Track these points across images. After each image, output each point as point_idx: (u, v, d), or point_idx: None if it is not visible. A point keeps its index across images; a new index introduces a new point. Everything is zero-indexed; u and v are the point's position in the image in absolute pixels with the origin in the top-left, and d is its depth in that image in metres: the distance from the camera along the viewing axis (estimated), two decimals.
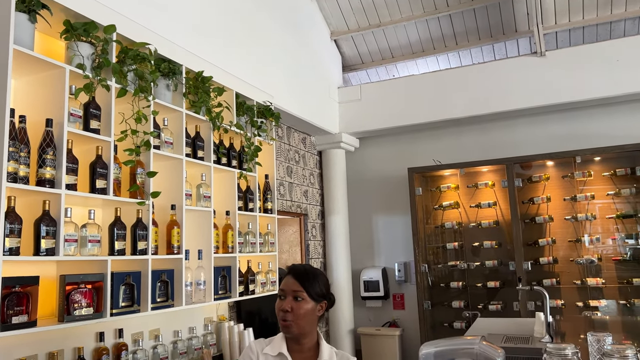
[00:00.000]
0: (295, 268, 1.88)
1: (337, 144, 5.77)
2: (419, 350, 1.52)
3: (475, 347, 1.46)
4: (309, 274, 1.85)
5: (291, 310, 1.78)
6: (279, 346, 1.84)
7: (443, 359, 1.55)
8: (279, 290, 1.87)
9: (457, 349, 1.53)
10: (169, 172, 3.04)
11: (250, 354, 1.86)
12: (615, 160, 4.87)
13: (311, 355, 1.83)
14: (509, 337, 3.61)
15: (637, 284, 4.61)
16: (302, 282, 1.82)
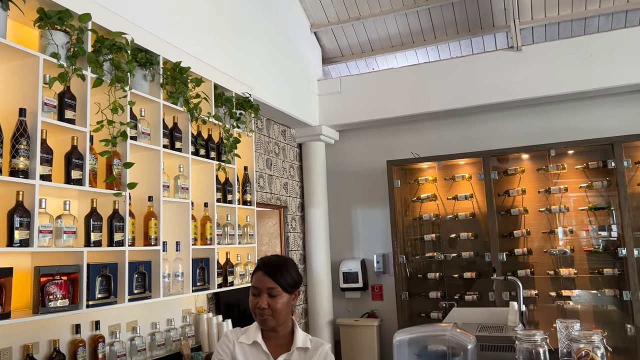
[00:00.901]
0: (266, 263, 1.87)
1: (317, 136, 5.79)
2: (393, 337, 1.55)
3: (448, 334, 1.50)
4: (280, 267, 1.86)
5: (268, 307, 1.80)
6: (253, 335, 1.86)
7: (417, 345, 1.58)
8: (252, 288, 1.86)
9: (430, 335, 1.56)
10: (146, 164, 3.02)
11: (227, 342, 1.88)
12: (588, 154, 4.98)
13: (286, 342, 1.85)
14: (484, 326, 3.68)
15: (607, 274, 4.74)
16: (275, 278, 1.82)
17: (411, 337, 1.57)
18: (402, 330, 1.59)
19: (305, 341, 1.85)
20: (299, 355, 1.82)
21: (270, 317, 1.80)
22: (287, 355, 1.81)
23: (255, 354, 1.83)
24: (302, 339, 1.85)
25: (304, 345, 1.84)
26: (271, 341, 1.85)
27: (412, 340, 1.56)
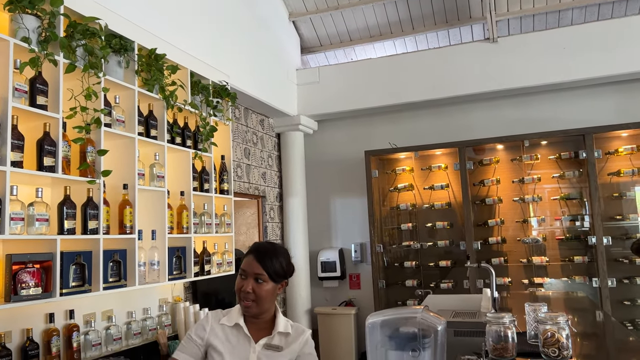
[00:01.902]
0: (258, 248, 1.88)
1: (295, 126, 5.78)
2: (366, 320, 1.58)
3: (418, 316, 1.54)
4: (271, 254, 1.86)
5: (252, 291, 1.81)
6: (236, 317, 1.86)
7: (389, 327, 1.62)
8: (241, 270, 1.86)
9: (401, 317, 1.60)
10: (121, 151, 2.99)
11: (205, 323, 1.89)
12: (561, 145, 5.09)
13: (267, 327, 1.87)
14: (457, 313, 3.76)
15: (578, 262, 4.87)
16: (264, 264, 1.83)
17: (383, 319, 1.60)
18: (374, 313, 1.62)
19: (286, 326, 1.87)
20: (279, 339, 1.84)
21: (253, 303, 1.81)
22: (268, 339, 1.82)
23: (236, 336, 1.84)
24: (283, 324, 1.86)
25: (285, 330, 1.85)
26: (253, 325, 1.86)
27: (384, 323, 1.60)
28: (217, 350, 1.81)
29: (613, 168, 4.87)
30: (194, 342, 1.85)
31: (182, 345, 1.88)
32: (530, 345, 1.97)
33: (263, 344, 1.82)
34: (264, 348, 1.81)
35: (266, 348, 1.81)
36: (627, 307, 4.73)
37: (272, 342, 1.83)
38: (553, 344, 1.78)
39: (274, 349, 1.81)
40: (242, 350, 1.80)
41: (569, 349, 1.80)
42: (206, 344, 1.85)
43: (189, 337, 1.87)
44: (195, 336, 1.86)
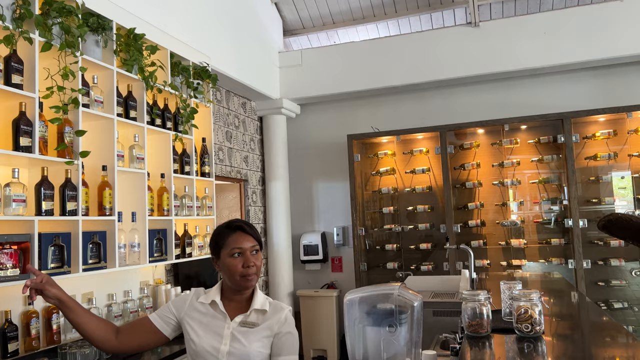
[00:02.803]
0: (243, 224, 1.87)
1: (277, 109, 5.76)
2: (344, 297, 1.61)
3: (395, 292, 1.56)
4: (249, 224, 1.89)
5: (254, 264, 1.82)
6: (213, 295, 1.86)
7: (366, 304, 1.64)
8: (234, 249, 1.81)
9: (378, 294, 1.62)
10: (100, 132, 2.96)
11: (185, 298, 1.91)
12: (540, 129, 5.16)
13: (244, 304, 1.86)
14: (437, 293, 3.83)
15: (555, 244, 4.98)
16: (255, 235, 1.86)
17: (361, 296, 1.62)
18: (352, 290, 1.65)
19: (264, 303, 1.85)
20: (256, 316, 1.82)
21: (255, 275, 1.83)
22: (244, 316, 1.81)
23: (212, 313, 1.83)
24: (260, 301, 1.85)
25: (262, 307, 1.84)
26: (231, 303, 1.85)
27: (362, 300, 1.62)
28: (191, 326, 1.82)
29: (590, 152, 4.96)
30: (169, 311, 1.88)
31: (160, 309, 1.92)
32: (504, 322, 2.01)
33: (239, 321, 1.81)
34: (239, 325, 1.80)
35: (241, 325, 1.80)
36: (601, 287, 4.86)
37: (247, 319, 1.82)
38: (526, 320, 1.82)
39: (249, 326, 1.80)
40: (217, 327, 1.80)
41: (541, 325, 1.84)
42: (179, 318, 1.86)
43: (168, 305, 1.91)
44: (173, 307, 1.89)
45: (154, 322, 1.87)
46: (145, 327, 1.87)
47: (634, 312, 4.80)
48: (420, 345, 1.65)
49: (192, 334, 1.81)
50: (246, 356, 1.76)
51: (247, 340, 1.78)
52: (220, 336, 1.79)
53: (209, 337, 1.79)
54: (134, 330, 1.88)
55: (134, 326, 1.91)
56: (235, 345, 1.77)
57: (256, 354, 1.78)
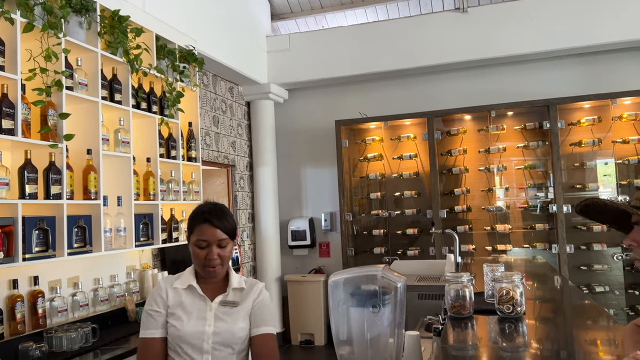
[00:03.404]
0: (211, 214, 1.79)
1: (265, 94, 5.73)
2: (329, 279, 1.62)
3: (379, 273, 1.58)
4: (221, 215, 1.81)
5: (218, 257, 1.79)
6: (188, 279, 1.84)
7: (351, 285, 1.66)
8: (199, 241, 1.78)
9: (362, 275, 1.64)
10: (84, 115, 2.93)
11: (160, 291, 1.83)
12: (526, 115, 5.20)
13: (221, 285, 1.87)
14: (422, 277, 3.87)
15: (539, 229, 5.04)
16: (224, 229, 1.79)
17: (346, 277, 1.64)
18: (337, 272, 1.66)
19: (240, 282, 1.87)
20: (235, 295, 1.84)
21: (220, 266, 1.80)
22: (224, 296, 1.83)
23: (191, 298, 1.82)
24: (237, 280, 1.87)
25: (240, 285, 1.85)
26: (207, 285, 1.84)
27: (346, 281, 1.64)
28: (174, 315, 1.79)
29: (575, 139, 5.01)
30: (156, 315, 1.80)
31: (145, 323, 1.81)
32: (487, 304, 2.05)
33: (219, 301, 1.82)
34: (220, 305, 1.81)
35: (222, 305, 1.81)
36: (583, 272, 4.94)
37: (227, 299, 1.82)
38: (508, 301, 1.86)
39: (230, 305, 1.81)
40: (199, 311, 1.79)
41: (522, 306, 1.88)
42: (167, 311, 1.81)
43: (149, 312, 1.81)
44: (156, 308, 1.81)
45: (160, 335, 1.79)
46: (158, 346, 1.79)
47: (615, 296, 4.90)
48: (404, 325, 1.67)
49: (175, 319, 1.79)
50: (231, 335, 1.78)
51: (231, 320, 1.80)
52: (204, 318, 1.79)
53: (192, 320, 1.78)
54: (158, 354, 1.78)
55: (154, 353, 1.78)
56: (219, 326, 1.78)
57: (240, 332, 1.80)
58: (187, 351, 1.77)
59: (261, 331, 1.82)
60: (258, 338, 1.81)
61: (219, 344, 1.77)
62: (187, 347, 1.77)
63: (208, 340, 1.76)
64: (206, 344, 1.76)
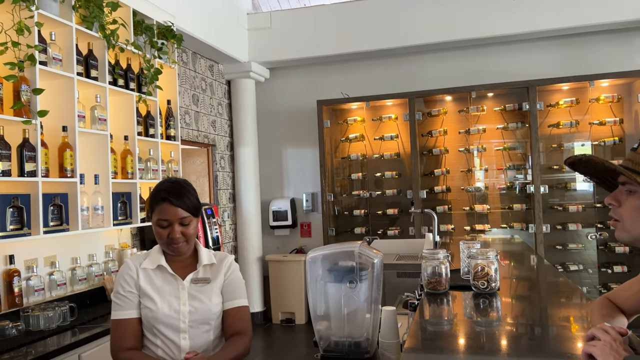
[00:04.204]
0: (170, 193, 1.73)
1: (246, 73, 5.67)
2: (307, 255, 1.63)
3: (356, 250, 1.59)
4: (185, 193, 1.76)
5: (181, 235, 1.75)
6: (157, 259, 1.81)
7: (328, 262, 1.67)
8: (160, 220, 1.73)
9: (340, 252, 1.65)
10: (59, 91, 2.86)
11: (129, 271, 1.80)
12: (506, 97, 5.23)
13: (191, 262, 1.85)
14: (401, 256, 3.92)
15: (517, 210, 5.12)
16: (184, 206, 1.74)
17: (324, 253, 1.65)
18: (315, 248, 1.67)
19: (210, 258, 1.86)
20: (205, 271, 1.83)
21: (184, 243, 1.77)
22: (194, 274, 1.81)
23: (161, 277, 1.80)
24: (206, 256, 1.85)
25: (210, 261, 1.84)
26: (176, 263, 1.82)
27: (324, 257, 1.65)
28: (146, 295, 1.77)
29: (553, 120, 5.07)
30: (130, 295, 1.78)
31: (118, 303, 1.78)
32: (462, 280, 2.08)
33: (190, 279, 1.80)
34: (192, 283, 1.80)
35: (194, 283, 1.80)
36: (559, 251, 5.05)
37: (198, 276, 1.82)
38: (483, 277, 1.89)
39: (202, 282, 1.80)
40: (171, 290, 1.78)
41: (497, 282, 1.91)
42: (139, 291, 1.78)
43: (119, 294, 1.78)
44: (129, 288, 1.78)
45: (135, 316, 1.77)
46: (135, 327, 1.78)
47: (588, 274, 5.03)
48: (380, 301, 1.69)
49: (148, 301, 1.76)
50: (207, 312, 1.78)
51: (205, 297, 1.79)
52: (178, 298, 1.77)
53: (165, 301, 1.76)
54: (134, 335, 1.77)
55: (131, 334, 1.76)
56: (194, 304, 1.78)
57: (216, 307, 1.80)
58: (164, 331, 1.76)
59: (234, 304, 1.82)
60: (232, 311, 1.82)
61: (196, 322, 1.77)
62: (163, 327, 1.76)
63: (184, 319, 1.76)
64: (182, 323, 1.76)
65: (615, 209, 1.17)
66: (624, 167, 1.13)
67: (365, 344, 1.58)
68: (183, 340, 1.75)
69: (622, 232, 1.17)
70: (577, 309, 1.90)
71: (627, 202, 1.14)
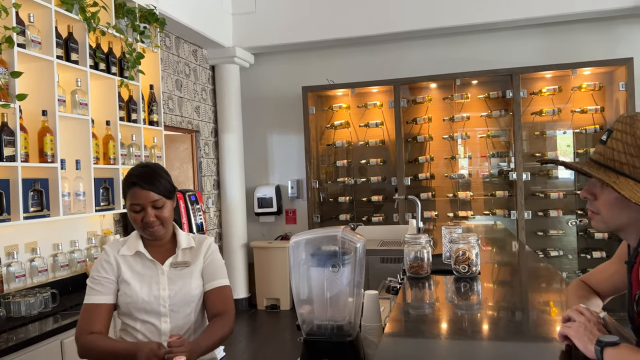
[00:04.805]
0: (140, 177, 1.73)
1: (230, 58, 5.61)
2: (290, 240, 1.63)
3: (339, 234, 1.60)
4: (154, 176, 1.75)
5: (156, 218, 1.74)
6: (135, 245, 1.80)
7: (312, 246, 1.67)
8: (133, 205, 1.73)
9: (323, 236, 1.65)
10: (38, 75, 2.81)
11: (107, 257, 1.79)
12: (490, 84, 5.26)
13: (169, 247, 1.84)
14: (385, 242, 3.95)
15: (499, 197, 5.18)
16: (155, 189, 1.73)
17: (307, 238, 1.65)
18: (298, 233, 1.67)
19: (189, 241, 1.85)
20: (185, 255, 1.83)
21: (160, 226, 1.76)
22: (173, 258, 1.81)
23: (140, 263, 1.79)
24: (185, 240, 1.85)
25: (189, 245, 1.84)
26: (154, 249, 1.82)
27: (307, 242, 1.65)
28: (126, 282, 1.76)
29: (536, 108, 5.12)
30: (105, 281, 1.77)
31: (92, 288, 1.75)
32: (444, 264, 2.11)
33: (169, 263, 1.80)
34: (171, 268, 1.80)
35: (173, 267, 1.80)
36: (540, 237, 5.13)
37: (178, 260, 1.82)
38: (464, 261, 1.92)
39: (182, 266, 1.81)
40: (151, 275, 1.78)
41: (477, 266, 1.94)
42: (118, 278, 1.78)
43: (94, 279, 1.77)
44: (105, 274, 1.77)
45: (107, 302, 1.76)
46: (104, 313, 1.76)
47: (568, 260, 5.12)
48: (363, 285, 1.70)
49: (127, 287, 1.76)
50: (187, 295, 1.78)
51: (186, 281, 1.79)
52: (157, 283, 1.77)
53: (145, 286, 1.76)
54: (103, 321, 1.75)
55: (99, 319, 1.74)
56: (174, 288, 1.78)
57: (196, 290, 1.80)
58: (144, 317, 1.76)
59: (215, 285, 1.82)
60: (213, 291, 1.82)
61: (176, 306, 1.77)
62: (143, 313, 1.76)
63: (165, 303, 1.76)
64: (163, 307, 1.75)
65: (592, 202, 1.19)
66: (594, 161, 1.15)
67: (348, 327, 1.59)
68: (164, 324, 1.75)
69: (599, 223, 1.19)
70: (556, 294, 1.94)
71: (602, 196, 1.16)
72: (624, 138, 1.10)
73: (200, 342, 1.66)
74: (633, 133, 1.10)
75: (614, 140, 1.12)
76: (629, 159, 1.09)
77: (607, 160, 1.12)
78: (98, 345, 1.66)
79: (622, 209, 1.13)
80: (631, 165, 1.09)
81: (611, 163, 1.11)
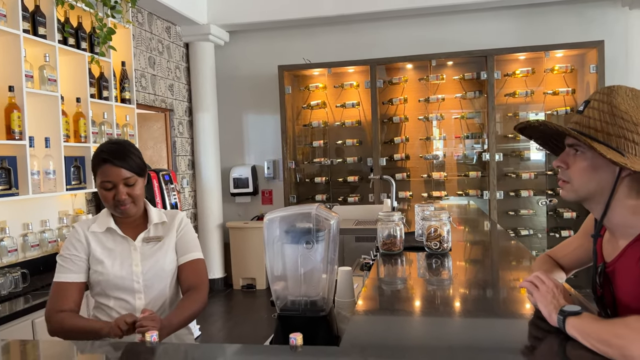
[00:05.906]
0: (112, 154, 1.70)
1: (205, 36, 5.51)
2: (264, 217, 1.64)
3: (313, 211, 1.61)
4: (127, 153, 1.72)
5: (128, 196, 1.72)
6: (105, 221, 1.78)
7: (286, 223, 1.68)
8: (104, 183, 1.69)
9: (297, 213, 1.66)
10: (4, 49, 2.72)
11: (77, 235, 1.77)
12: (466, 66, 5.30)
13: (141, 223, 1.83)
14: (360, 221, 3.99)
15: (472, 177, 5.27)
16: (127, 166, 1.70)
17: (281, 215, 1.66)
18: (273, 211, 1.68)
19: (160, 216, 1.84)
20: (157, 230, 1.83)
21: (132, 204, 1.74)
22: (145, 233, 1.80)
23: (112, 240, 1.77)
24: (156, 215, 1.84)
25: (160, 220, 1.83)
26: (126, 225, 1.80)
27: (282, 219, 1.66)
28: (97, 259, 1.74)
29: (510, 90, 5.19)
30: (76, 259, 1.74)
31: (62, 266, 1.73)
32: (416, 241, 2.15)
33: (142, 239, 1.79)
34: (143, 243, 1.79)
35: (146, 242, 1.79)
36: (511, 217, 5.25)
37: (150, 235, 1.81)
38: (435, 238, 1.96)
39: (154, 241, 1.80)
40: (122, 252, 1.76)
41: (449, 242, 1.99)
42: (89, 256, 1.76)
43: (63, 257, 1.74)
44: (75, 252, 1.74)
45: (78, 280, 1.74)
46: (75, 291, 1.74)
47: (538, 239, 5.26)
48: (337, 262, 1.72)
49: (99, 265, 1.74)
50: (161, 270, 1.78)
51: (159, 256, 1.78)
52: (130, 259, 1.76)
53: (117, 263, 1.74)
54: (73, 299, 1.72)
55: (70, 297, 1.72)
56: (147, 264, 1.77)
57: (170, 265, 1.80)
58: (117, 294, 1.74)
59: (189, 258, 1.82)
60: (186, 265, 1.82)
61: (150, 281, 1.76)
62: (116, 291, 1.74)
63: (138, 280, 1.75)
64: (137, 284, 1.74)
65: (564, 171, 1.22)
66: (573, 129, 1.18)
67: (321, 302, 1.61)
68: (138, 301, 1.74)
69: (569, 192, 1.23)
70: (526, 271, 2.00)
71: (575, 164, 1.20)
72: (601, 107, 1.15)
73: (171, 319, 1.66)
74: (609, 102, 1.14)
75: (591, 109, 1.16)
76: (604, 126, 1.13)
77: (582, 128, 1.16)
78: (69, 323, 1.65)
79: (593, 175, 1.17)
80: (605, 132, 1.13)
81: (587, 130, 1.15)
